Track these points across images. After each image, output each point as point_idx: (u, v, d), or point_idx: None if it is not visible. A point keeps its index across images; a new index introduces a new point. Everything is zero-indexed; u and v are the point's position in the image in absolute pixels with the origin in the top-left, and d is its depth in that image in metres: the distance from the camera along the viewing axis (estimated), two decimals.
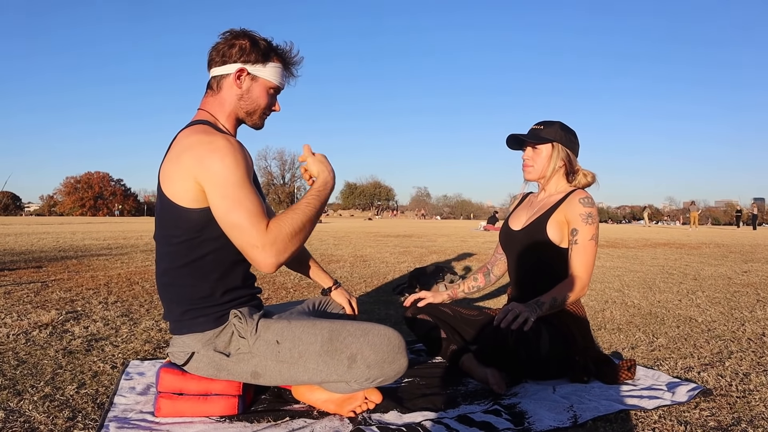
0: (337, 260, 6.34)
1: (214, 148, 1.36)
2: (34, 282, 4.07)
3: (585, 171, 2.03)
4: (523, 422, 1.48)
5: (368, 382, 1.44)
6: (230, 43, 1.51)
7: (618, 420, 1.51)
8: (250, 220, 1.33)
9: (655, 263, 6.45)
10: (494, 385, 1.75)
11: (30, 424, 1.43)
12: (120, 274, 4.67)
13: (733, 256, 7.78)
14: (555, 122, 1.99)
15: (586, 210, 1.88)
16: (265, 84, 1.55)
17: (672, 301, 3.63)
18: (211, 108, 1.55)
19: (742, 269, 5.85)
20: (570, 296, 1.83)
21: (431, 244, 9.69)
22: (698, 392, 1.71)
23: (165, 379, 1.49)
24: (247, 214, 1.33)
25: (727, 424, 1.49)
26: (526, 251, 1.98)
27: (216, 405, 1.50)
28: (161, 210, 1.46)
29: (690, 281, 4.74)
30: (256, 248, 1.33)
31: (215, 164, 1.35)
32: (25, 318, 2.74)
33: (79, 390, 1.71)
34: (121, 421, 1.46)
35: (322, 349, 1.42)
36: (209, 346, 1.46)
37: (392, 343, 1.43)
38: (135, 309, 3.08)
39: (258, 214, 1.34)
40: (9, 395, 1.64)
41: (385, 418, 1.52)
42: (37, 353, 2.11)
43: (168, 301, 1.51)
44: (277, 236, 1.33)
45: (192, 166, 1.37)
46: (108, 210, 74.01)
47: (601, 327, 2.79)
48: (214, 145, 1.37)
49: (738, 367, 2.06)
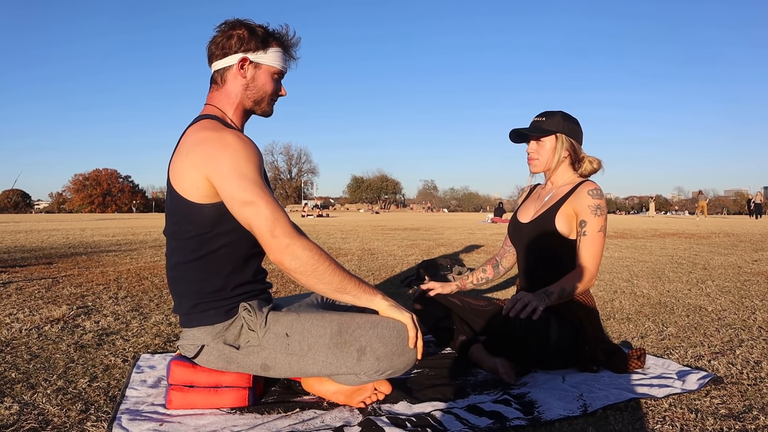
0: (345, 254, 6.36)
1: (224, 144, 1.37)
2: (45, 278, 4.11)
3: (590, 158, 2.02)
4: (533, 411, 1.48)
5: (377, 374, 1.44)
6: (228, 34, 1.51)
7: (628, 408, 1.51)
8: (271, 211, 1.34)
9: (664, 253, 6.41)
10: (504, 374, 1.75)
11: (44, 416, 1.45)
12: (129, 269, 4.70)
13: (743, 245, 7.71)
14: (557, 112, 1.97)
15: (594, 202, 1.87)
16: (268, 70, 1.54)
17: (681, 291, 3.61)
18: (217, 102, 1.55)
19: (752, 258, 5.80)
20: (578, 287, 1.83)
21: (438, 237, 9.68)
22: (709, 380, 1.70)
23: (176, 372, 1.50)
24: (265, 203, 1.34)
25: (738, 411, 1.48)
26: (535, 243, 1.98)
27: (226, 397, 1.51)
28: (172, 206, 1.46)
29: (699, 270, 4.71)
30: (276, 238, 1.33)
31: (226, 160, 1.35)
32: (37, 313, 2.77)
33: (91, 383, 1.73)
34: (133, 413, 1.48)
35: (332, 341, 1.43)
36: (219, 339, 1.46)
37: (401, 335, 1.42)
38: (145, 303, 3.11)
39: (278, 208, 1.36)
40: (23, 388, 1.66)
41: (395, 408, 1.52)
42: (50, 347, 2.13)
43: (178, 295, 1.51)
44: (304, 242, 1.35)
45: (202, 162, 1.37)
46: (117, 207, 74.48)
47: (611, 317, 2.78)
48: (224, 141, 1.37)
49: (749, 355, 2.04)
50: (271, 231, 1.33)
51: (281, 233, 1.33)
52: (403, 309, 1.44)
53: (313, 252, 1.35)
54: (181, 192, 1.42)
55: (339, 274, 1.37)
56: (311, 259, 1.35)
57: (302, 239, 1.36)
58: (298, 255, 1.34)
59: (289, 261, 1.34)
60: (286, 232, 1.34)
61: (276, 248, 1.33)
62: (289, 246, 1.33)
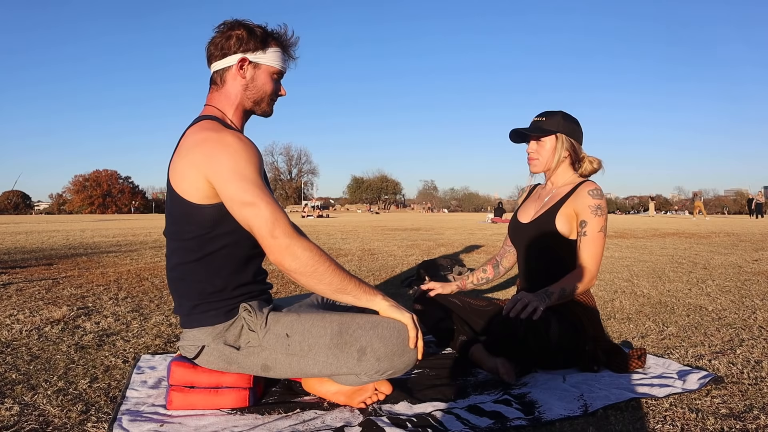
0: (345, 254, 6.36)
1: (223, 145, 1.37)
2: (45, 279, 4.11)
3: (591, 158, 2.02)
4: (533, 411, 1.48)
5: (378, 374, 1.44)
6: (227, 35, 1.51)
7: (629, 408, 1.51)
8: (271, 212, 1.34)
9: (664, 253, 6.41)
10: (504, 375, 1.75)
11: (44, 417, 1.45)
12: (130, 270, 4.71)
13: (743, 244, 7.71)
14: (557, 112, 1.97)
15: (595, 202, 1.87)
16: (268, 70, 1.55)
17: (682, 290, 3.61)
18: (217, 103, 1.55)
19: (752, 258, 5.80)
20: (579, 287, 1.83)
21: (439, 237, 9.68)
22: (709, 380, 1.70)
23: (176, 373, 1.50)
24: (265, 204, 1.34)
25: (739, 411, 1.48)
26: (535, 243, 1.98)
27: (227, 397, 1.51)
28: (172, 206, 1.46)
29: (700, 270, 4.71)
30: (276, 239, 1.33)
31: (226, 161, 1.35)
32: (37, 314, 2.77)
33: (91, 384, 1.73)
34: (133, 414, 1.48)
35: (332, 341, 1.42)
36: (219, 340, 1.46)
37: (401, 335, 1.42)
38: (145, 304, 3.11)
39: (278, 208, 1.36)
40: (23, 389, 1.66)
41: (396, 408, 1.52)
42: (50, 348, 2.13)
43: (179, 296, 1.51)
44: (305, 243, 1.35)
45: (201, 163, 1.37)
46: (117, 207, 74.49)
47: (611, 316, 2.78)
48: (224, 141, 1.37)
49: (749, 354, 2.04)
50: (271, 232, 1.33)
51: (281, 234, 1.33)
52: (403, 309, 1.44)
53: (313, 252, 1.35)
54: (181, 193, 1.42)
55: (339, 275, 1.37)
56: (311, 259, 1.34)
57: (302, 240, 1.36)
58: (298, 255, 1.34)
59: (289, 262, 1.34)
60: (286, 232, 1.34)
61: (276, 249, 1.33)
62: (289, 246, 1.33)
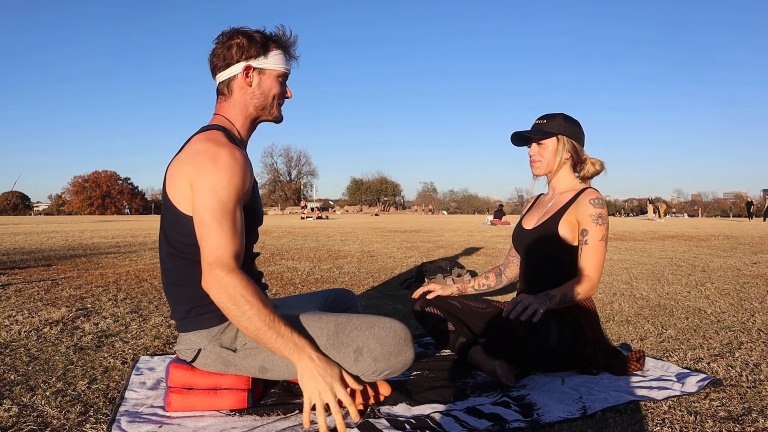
0: (345, 256, 6.36)
1: (214, 161, 1.37)
2: (44, 280, 4.10)
3: (593, 160, 2.02)
4: (532, 414, 1.48)
5: (375, 374, 1.44)
6: (227, 45, 1.52)
7: (627, 411, 1.51)
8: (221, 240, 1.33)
9: (663, 255, 6.42)
10: (503, 377, 1.75)
11: (43, 418, 1.45)
12: (129, 271, 4.70)
13: (742, 247, 7.72)
14: (558, 114, 1.98)
15: (596, 211, 1.87)
16: (272, 74, 1.55)
17: (681, 293, 3.61)
18: (226, 112, 1.56)
19: (751, 260, 5.81)
20: (579, 294, 1.84)
21: (438, 239, 9.68)
22: (708, 383, 1.70)
23: (175, 374, 1.50)
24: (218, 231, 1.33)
25: (737, 414, 1.49)
26: (537, 248, 1.98)
27: (226, 399, 1.51)
28: (164, 211, 1.47)
29: (699, 273, 4.71)
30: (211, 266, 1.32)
31: (209, 177, 1.35)
32: (36, 315, 2.77)
33: (90, 385, 1.72)
34: (132, 415, 1.47)
35: (328, 342, 1.43)
36: (215, 342, 1.46)
37: (398, 335, 1.43)
38: (144, 306, 3.10)
39: (231, 239, 1.34)
40: (22, 390, 1.66)
41: (394, 410, 1.52)
42: (49, 349, 2.13)
43: (173, 301, 1.51)
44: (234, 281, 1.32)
45: (191, 174, 1.38)
46: (116, 209, 74.46)
47: (610, 319, 2.78)
48: (216, 157, 1.37)
49: (748, 357, 2.05)
50: (208, 259, 1.32)
51: (217, 265, 1.32)
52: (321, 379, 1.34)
53: (239, 294, 1.31)
54: (172, 199, 1.43)
55: (259, 323, 1.32)
56: (232, 299, 1.31)
57: (236, 278, 1.32)
58: (222, 291, 1.32)
59: (213, 293, 1.33)
60: (224, 265, 1.32)
61: (206, 276, 1.33)
62: (218, 278, 1.31)
